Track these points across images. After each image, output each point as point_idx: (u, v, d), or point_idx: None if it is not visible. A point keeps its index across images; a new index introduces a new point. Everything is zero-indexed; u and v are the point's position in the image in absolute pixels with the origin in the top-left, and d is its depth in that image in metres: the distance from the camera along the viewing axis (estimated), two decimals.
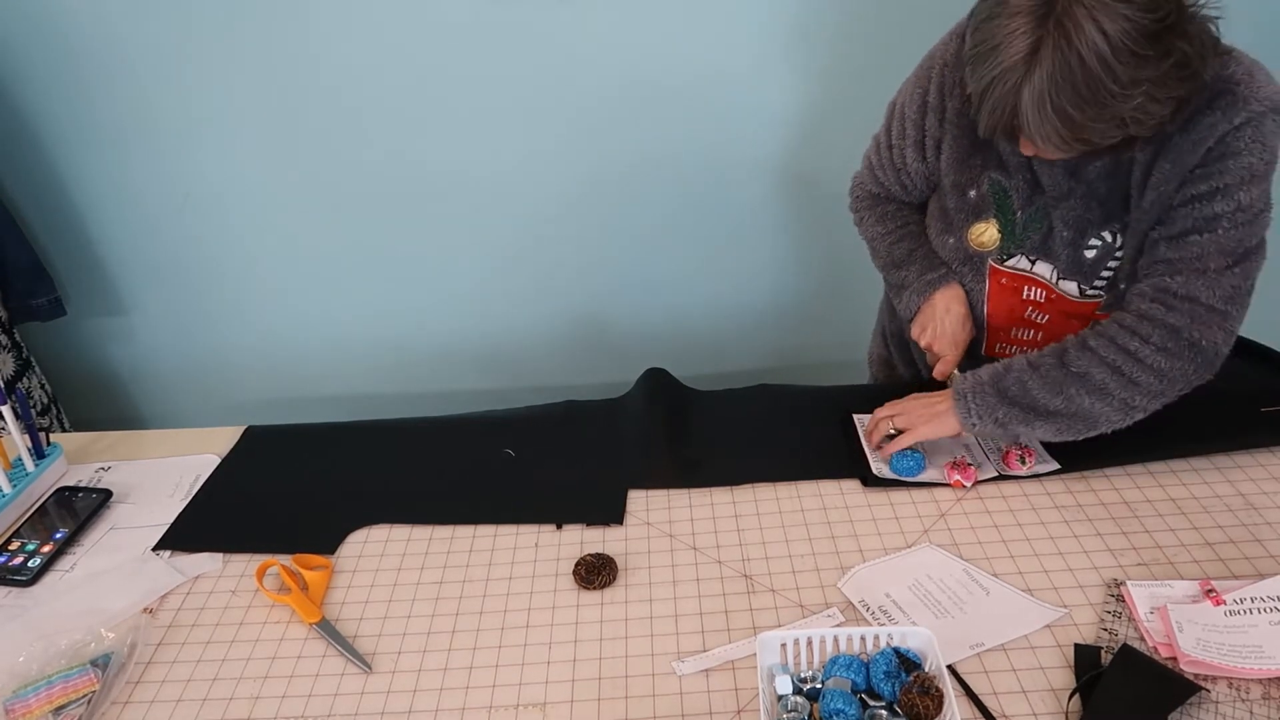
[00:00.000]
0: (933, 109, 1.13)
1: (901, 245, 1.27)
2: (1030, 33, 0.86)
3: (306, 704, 0.88)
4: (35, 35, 1.64)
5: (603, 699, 0.86)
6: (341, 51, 1.67)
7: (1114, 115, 0.87)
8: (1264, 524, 1.02)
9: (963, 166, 1.15)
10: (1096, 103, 0.86)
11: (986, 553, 1.01)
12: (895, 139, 1.21)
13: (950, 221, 1.21)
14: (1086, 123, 0.87)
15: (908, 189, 1.26)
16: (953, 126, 1.13)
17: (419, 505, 1.14)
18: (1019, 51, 0.86)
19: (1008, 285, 1.20)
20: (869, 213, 1.32)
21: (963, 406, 1.08)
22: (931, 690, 0.76)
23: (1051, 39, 0.84)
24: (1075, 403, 1.03)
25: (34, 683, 0.89)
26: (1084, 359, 1.03)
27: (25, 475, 1.18)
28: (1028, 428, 1.06)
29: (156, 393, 2.15)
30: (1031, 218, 1.13)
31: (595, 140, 1.78)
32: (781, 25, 1.65)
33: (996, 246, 1.17)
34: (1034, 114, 0.87)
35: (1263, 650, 0.84)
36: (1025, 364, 1.07)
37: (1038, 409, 1.05)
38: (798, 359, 2.12)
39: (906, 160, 1.21)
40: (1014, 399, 1.06)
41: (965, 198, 1.17)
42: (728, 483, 1.14)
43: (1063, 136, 0.89)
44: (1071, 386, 1.03)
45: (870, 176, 1.31)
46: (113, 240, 1.90)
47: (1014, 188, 1.12)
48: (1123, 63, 0.84)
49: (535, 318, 2.03)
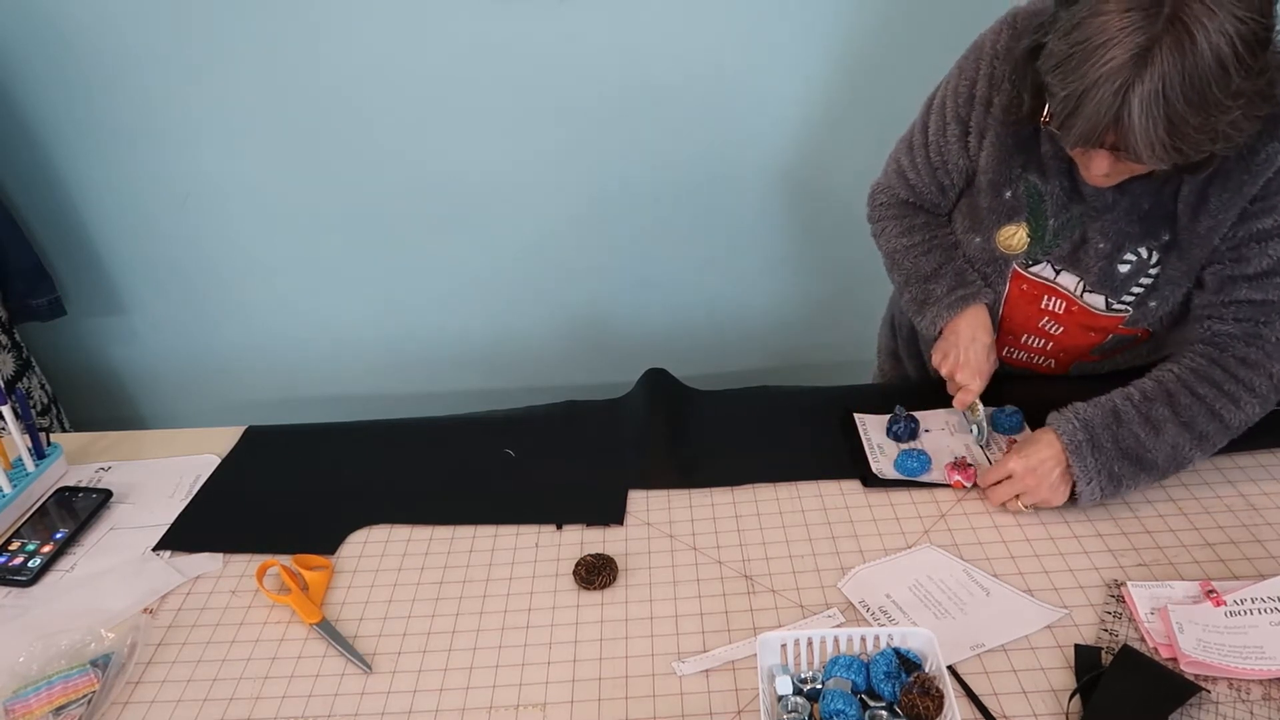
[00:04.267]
0: (980, 100, 1.08)
1: (930, 258, 1.22)
2: (1144, 29, 0.79)
3: (306, 704, 0.88)
4: (35, 35, 1.64)
5: (603, 699, 0.86)
6: (342, 52, 1.67)
7: (1214, 127, 0.83)
8: (1264, 524, 1.02)
9: (1002, 166, 1.10)
10: (1204, 109, 0.81)
11: (986, 553, 1.01)
12: (934, 135, 1.15)
13: (980, 220, 1.16)
14: (1190, 131, 0.82)
15: (945, 189, 1.20)
16: (997, 122, 1.08)
17: (419, 505, 1.14)
18: (1132, 47, 0.80)
19: (1028, 292, 1.18)
20: (894, 223, 1.26)
21: (1082, 465, 1.00)
22: (932, 691, 0.76)
23: (1171, 35, 0.79)
24: (1179, 452, 1.01)
25: (34, 683, 0.89)
26: (1194, 407, 1.01)
27: (25, 475, 1.18)
28: (1134, 482, 1.01)
29: (156, 393, 2.15)
30: (1063, 225, 1.10)
31: (596, 141, 1.78)
32: (784, 27, 1.65)
33: (1024, 250, 1.14)
34: (1142, 117, 0.81)
35: (1263, 651, 0.84)
36: (1137, 415, 1.01)
37: (1146, 461, 1.01)
38: (798, 359, 2.12)
39: (949, 156, 1.15)
40: (1127, 451, 1.01)
41: (1000, 198, 1.13)
42: (728, 483, 1.13)
43: (1164, 144, 0.83)
44: (1180, 436, 1.01)
45: (899, 181, 1.24)
46: (113, 240, 1.90)
47: (1049, 193, 1.09)
48: (1236, 68, 0.79)
49: (535, 318, 2.03)
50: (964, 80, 1.10)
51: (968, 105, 1.10)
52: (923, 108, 1.20)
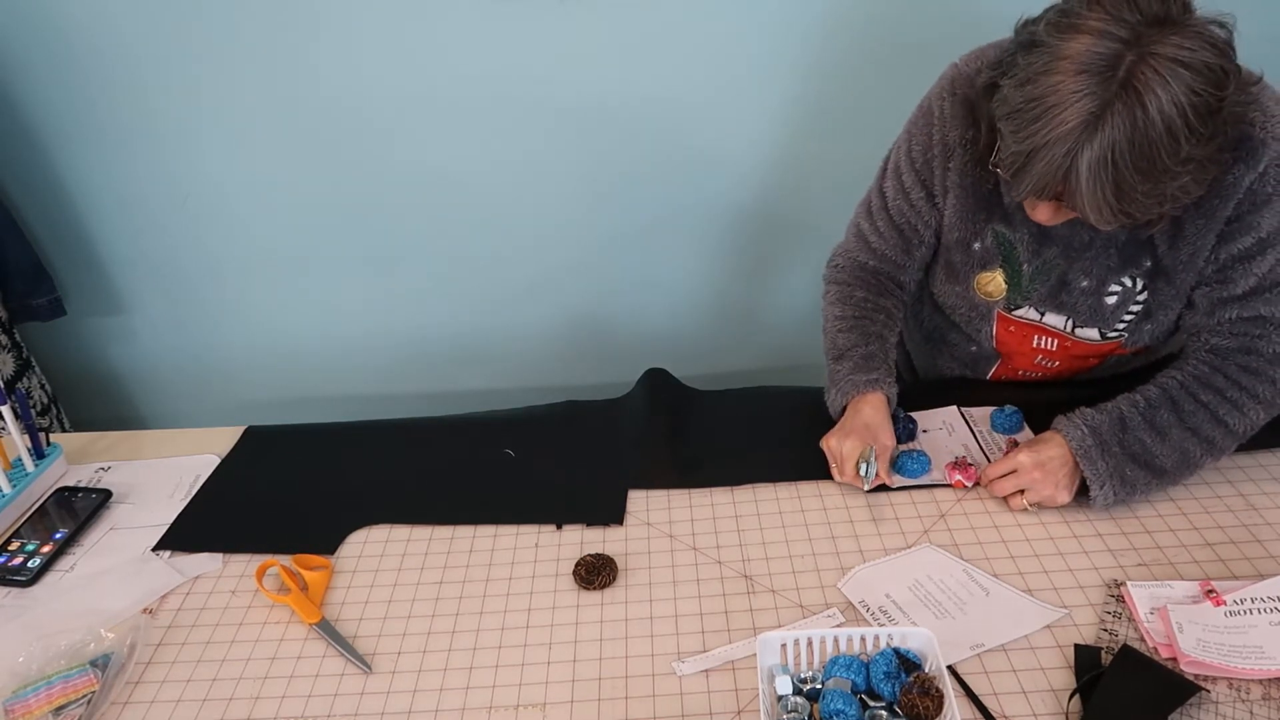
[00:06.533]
0: (938, 160, 1.09)
1: (848, 335, 1.18)
2: (1096, 94, 0.80)
3: (306, 704, 0.88)
4: (35, 35, 1.64)
5: (603, 699, 0.86)
6: (342, 53, 1.66)
7: (1161, 192, 0.84)
8: (1264, 524, 1.02)
9: (966, 222, 1.11)
10: (1153, 176, 0.82)
11: (986, 553, 1.01)
12: (895, 198, 1.16)
13: (956, 272, 1.17)
14: (1137, 195, 0.83)
15: (911, 249, 1.19)
16: (955, 185, 1.09)
17: (419, 505, 1.14)
18: (1082, 112, 0.80)
19: (1016, 333, 1.18)
20: (836, 289, 1.24)
21: (1092, 468, 1.00)
22: (931, 691, 0.76)
23: (1122, 102, 0.79)
24: (1188, 457, 1.01)
25: (34, 683, 0.89)
26: (1199, 413, 1.01)
27: (25, 475, 1.18)
28: (1146, 487, 1.01)
29: (156, 393, 2.15)
30: (1039, 270, 1.10)
31: (596, 140, 1.78)
32: (784, 26, 1.65)
33: (1004, 296, 1.15)
34: (1088, 180, 0.82)
35: (1263, 651, 0.84)
36: (1143, 421, 1.01)
37: (1154, 466, 1.01)
38: (798, 359, 2.11)
39: (914, 217, 1.15)
40: (1135, 456, 1.01)
41: (970, 250, 1.13)
42: (728, 483, 1.14)
43: (1111, 207, 0.84)
44: (1187, 441, 1.01)
45: (860, 245, 1.23)
46: (113, 240, 1.90)
47: (1019, 240, 1.09)
48: (1186, 137, 0.80)
49: (535, 318, 2.03)
50: (916, 144, 1.11)
51: (926, 168, 1.11)
52: (878, 172, 1.21)
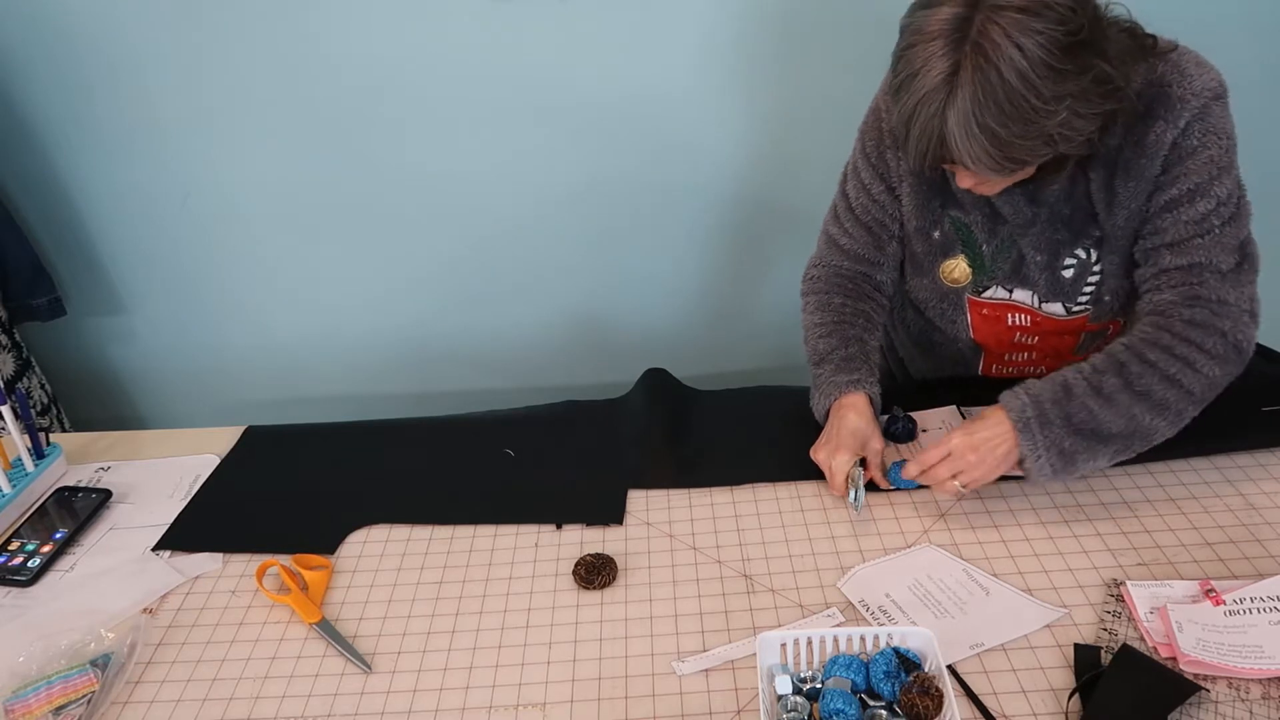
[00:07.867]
0: (890, 151, 1.13)
1: (827, 340, 1.20)
2: (948, 55, 0.86)
3: (306, 704, 0.88)
4: (35, 35, 1.64)
5: (603, 699, 0.86)
6: (342, 53, 1.67)
7: (1040, 132, 0.87)
8: (1264, 524, 1.02)
9: (922, 211, 1.14)
10: (1021, 119, 0.85)
11: (986, 553, 1.01)
12: (857, 197, 1.19)
13: (920, 264, 1.20)
14: (1014, 140, 0.87)
15: (882, 244, 1.21)
16: (908, 174, 1.13)
17: (419, 505, 1.14)
18: (939, 74, 0.86)
19: (990, 315, 1.20)
20: (814, 298, 1.26)
21: (1030, 442, 0.98)
22: (931, 690, 0.76)
23: (970, 60, 0.85)
24: (1137, 422, 0.98)
25: (34, 683, 0.89)
26: (1146, 375, 0.99)
27: (25, 475, 1.18)
28: (1090, 456, 0.99)
29: (156, 393, 2.15)
30: (998, 249, 1.12)
31: (596, 139, 1.78)
32: (783, 24, 1.65)
33: (970, 281, 1.17)
34: (961, 135, 0.87)
35: (1262, 650, 0.84)
36: (1088, 388, 0.99)
37: (1102, 434, 0.99)
38: (798, 359, 2.11)
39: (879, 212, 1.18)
40: (1079, 426, 0.98)
41: (930, 240, 1.16)
42: (728, 483, 1.14)
43: (992, 156, 0.88)
44: (1135, 406, 0.99)
45: (832, 250, 1.26)
46: (113, 240, 1.90)
47: (974, 222, 1.12)
48: (1042, 77, 0.84)
49: (535, 318, 2.03)
50: (869, 141, 1.16)
51: (880, 161, 1.15)
52: (839, 180, 1.24)
